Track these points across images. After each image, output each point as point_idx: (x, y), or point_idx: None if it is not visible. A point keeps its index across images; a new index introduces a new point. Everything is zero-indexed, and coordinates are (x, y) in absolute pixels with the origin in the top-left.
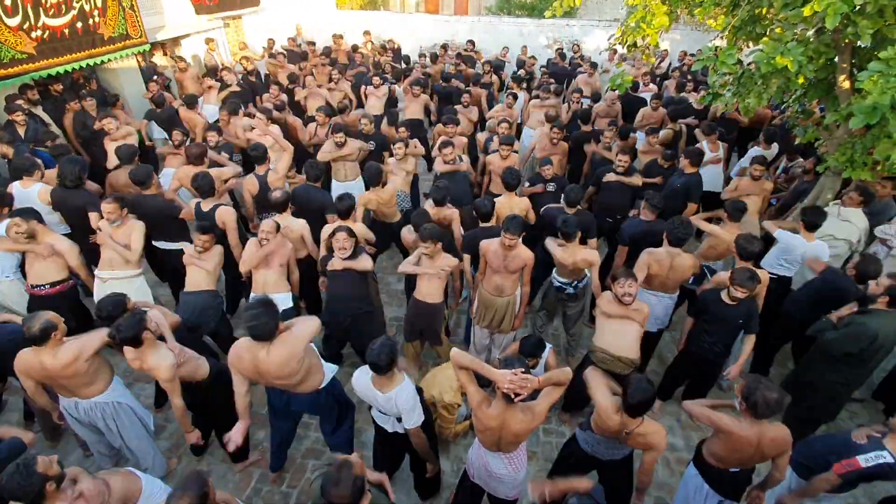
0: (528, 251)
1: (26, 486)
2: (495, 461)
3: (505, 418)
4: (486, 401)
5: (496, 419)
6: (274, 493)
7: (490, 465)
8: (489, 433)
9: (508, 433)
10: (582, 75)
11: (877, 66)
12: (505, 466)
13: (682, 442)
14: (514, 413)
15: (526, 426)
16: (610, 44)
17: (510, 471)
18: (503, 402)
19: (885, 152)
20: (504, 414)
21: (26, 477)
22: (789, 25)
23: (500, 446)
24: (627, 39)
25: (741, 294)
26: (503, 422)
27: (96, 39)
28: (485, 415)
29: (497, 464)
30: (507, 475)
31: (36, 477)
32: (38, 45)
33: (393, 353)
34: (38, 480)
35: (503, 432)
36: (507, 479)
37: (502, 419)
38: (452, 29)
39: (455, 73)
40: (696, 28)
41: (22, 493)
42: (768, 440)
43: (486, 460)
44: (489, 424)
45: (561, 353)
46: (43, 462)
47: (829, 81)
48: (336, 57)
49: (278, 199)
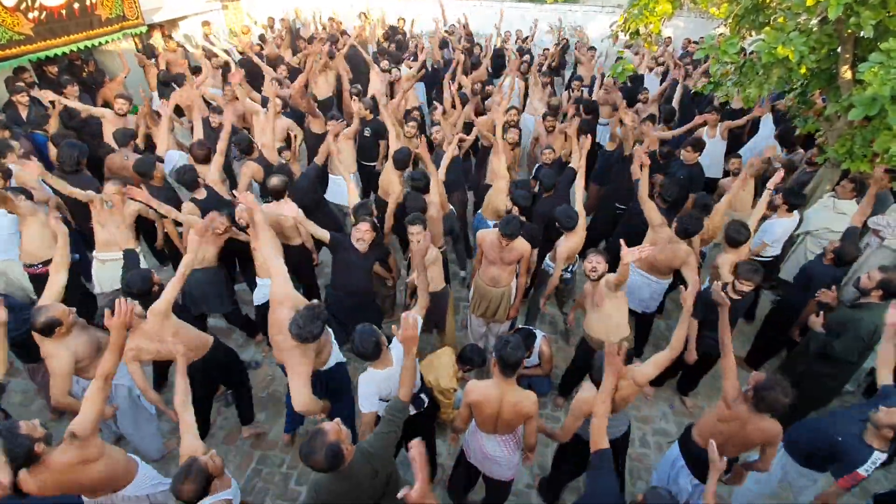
0: (525, 243)
1: (14, 448)
2: (491, 444)
3: (503, 399)
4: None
5: (495, 400)
6: (275, 473)
7: (486, 447)
8: (487, 416)
9: (505, 412)
10: (582, 62)
11: (877, 58)
12: (501, 449)
13: (675, 428)
14: (510, 391)
15: (520, 406)
16: (612, 31)
17: (506, 453)
18: (502, 381)
19: (884, 144)
20: (502, 394)
21: (12, 440)
22: (792, 15)
23: (497, 428)
24: (630, 27)
25: (747, 287)
26: (500, 402)
27: (93, 21)
28: (486, 398)
29: (493, 446)
30: (503, 457)
31: (21, 438)
32: (35, 26)
33: (375, 335)
34: (25, 441)
35: (501, 413)
36: (502, 461)
37: (500, 399)
38: (455, 13)
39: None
40: (699, 16)
41: (12, 455)
42: (758, 428)
43: (483, 443)
44: (487, 410)
45: (559, 339)
46: (26, 425)
47: (831, 72)
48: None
49: (276, 187)
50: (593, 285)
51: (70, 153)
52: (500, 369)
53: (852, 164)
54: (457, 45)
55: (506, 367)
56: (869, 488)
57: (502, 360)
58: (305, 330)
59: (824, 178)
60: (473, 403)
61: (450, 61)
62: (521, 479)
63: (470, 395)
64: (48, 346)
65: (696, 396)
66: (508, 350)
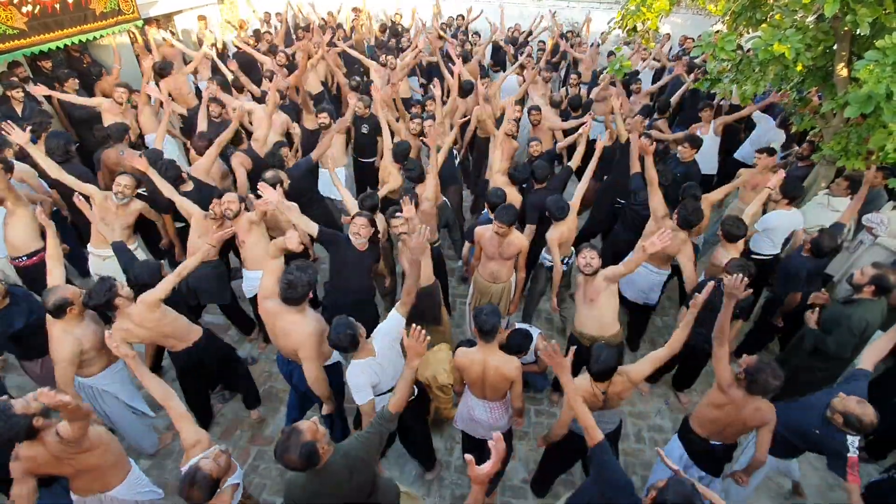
0: (522, 238)
1: (12, 428)
2: (480, 408)
3: (485, 362)
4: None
5: (479, 363)
6: (272, 469)
7: (475, 411)
8: (474, 379)
9: (489, 376)
10: (583, 55)
11: (873, 55)
12: (486, 414)
13: (671, 424)
14: (493, 356)
15: (502, 369)
16: (610, 27)
17: (489, 419)
18: (484, 347)
19: (879, 142)
20: (485, 358)
21: (6, 421)
22: (789, 12)
23: (485, 392)
24: (627, 23)
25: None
26: (484, 365)
27: (88, 15)
28: (470, 363)
29: (481, 411)
30: (485, 421)
31: (16, 418)
32: (28, 20)
33: (351, 328)
34: (21, 420)
35: (485, 376)
36: (485, 424)
37: (483, 362)
38: (453, 9)
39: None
40: (697, 12)
41: (11, 435)
42: (751, 408)
43: (472, 405)
44: (472, 373)
45: (555, 335)
46: (20, 403)
47: (827, 69)
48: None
49: (268, 180)
50: (587, 280)
51: (56, 143)
52: (480, 336)
53: (847, 161)
54: (450, 39)
55: (484, 334)
56: (861, 481)
57: (480, 328)
58: (296, 278)
59: (819, 176)
60: (460, 367)
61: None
62: (516, 474)
63: (457, 359)
64: (57, 329)
65: (692, 393)
66: (483, 317)
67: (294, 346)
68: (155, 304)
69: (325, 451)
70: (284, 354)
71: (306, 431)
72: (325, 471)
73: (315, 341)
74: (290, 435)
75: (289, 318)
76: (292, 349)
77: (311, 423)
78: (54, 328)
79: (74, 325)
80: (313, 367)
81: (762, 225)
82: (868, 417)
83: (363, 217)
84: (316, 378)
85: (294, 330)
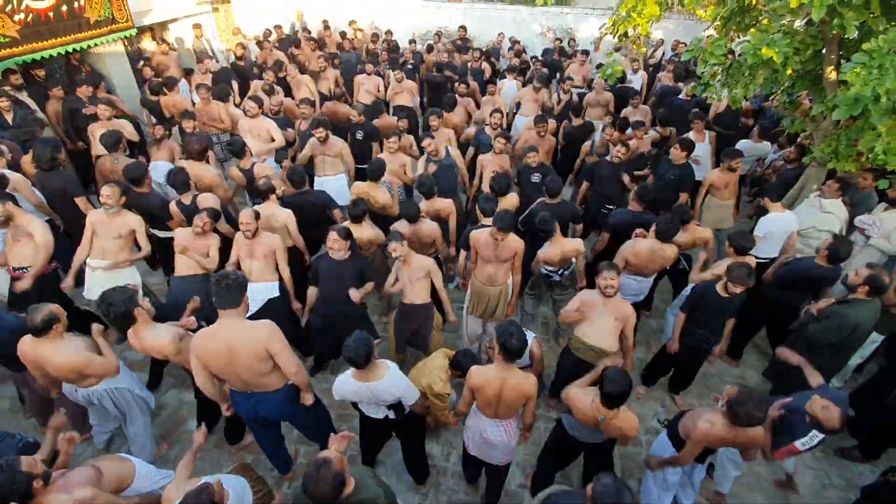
0: (518, 240)
1: (13, 485)
2: (492, 428)
3: (504, 381)
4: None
5: (496, 382)
6: (266, 477)
7: (487, 431)
8: (489, 399)
9: (507, 394)
10: (574, 63)
11: (860, 58)
12: (501, 433)
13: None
14: (512, 374)
15: (521, 387)
16: (601, 33)
17: (504, 438)
18: (503, 366)
19: (869, 143)
20: (504, 377)
21: (11, 476)
22: (777, 17)
23: (499, 411)
24: (619, 29)
25: (739, 290)
26: (502, 384)
27: (82, 23)
28: (487, 382)
29: (494, 431)
30: (501, 442)
31: (21, 475)
32: (21, 28)
33: (369, 345)
34: (23, 479)
35: (502, 395)
36: (500, 446)
37: (501, 381)
38: (446, 15)
39: (448, 61)
40: (688, 17)
41: (10, 492)
42: (744, 436)
43: (483, 427)
44: (489, 392)
45: (550, 340)
46: (27, 462)
47: (817, 73)
48: (325, 41)
49: (262, 187)
50: (604, 300)
51: (43, 150)
52: (503, 357)
53: (838, 163)
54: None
55: (508, 355)
56: (855, 481)
57: (505, 349)
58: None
59: (811, 178)
60: (475, 387)
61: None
62: (513, 479)
63: (472, 379)
64: (45, 347)
65: (688, 395)
66: (513, 341)
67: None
68: (169, 345)
69: (349, 481)
70: (247, 380)
71: (336, 462)
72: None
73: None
74: (320, 467)
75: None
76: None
77: (337, 454)
78: (42, 346)
79: (59, 341)
80: (288, 354)
81: (760, 230)
82: (830, 423)
83: (334, 231)
84: (294, 364)
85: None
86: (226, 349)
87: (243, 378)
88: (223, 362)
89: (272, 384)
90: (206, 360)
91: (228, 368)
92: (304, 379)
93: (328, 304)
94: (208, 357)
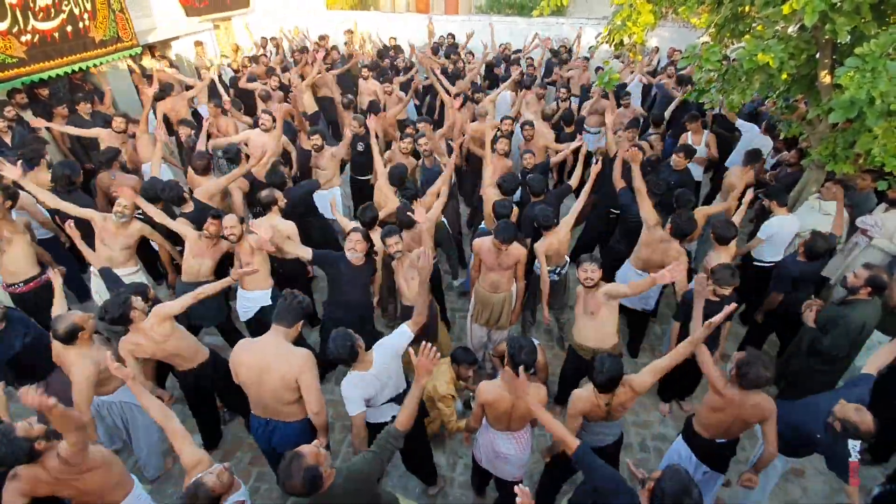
0: (520, 247)
1: (14, 451)
2: (504, 441)
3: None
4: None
5: (508, 396)
6: (273, 490)
7: (498, 445)
8: (501, 413)
9: (519, 407)
10: (574, 70)
11: (853, 62)
12: (512, 446)
13: (674, 433)
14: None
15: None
16: (597, 42)
17: (517, 451)
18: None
19: (865, 146)
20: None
21: (9, 444)
22: (770, 23)
23: (511, 424)
24: (614, 38)
25: (727, 292)
26: (514, 398)
27: (87, 43)
28: (500, 397)
29: (505, 444)
30: (514, 455)
31: (18, 441)
32: (28, 49)
33: (349, 338)
34: (22, 444)
35: (514, 408)
36: (512, 459)
37: (513, 396)
38: (443, 28)
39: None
40: (683, 25)
41: (13, 458)
42: (749, 405)
43: (495, 440)
44: (501, 407)
45: (555, 346)
46: (21, 427)
47: (812, 77)
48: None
49: (263, 199)
50: (588, 292)
51: (62, 172)
52: (515, 371)
53: (836, 165)
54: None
55: (523, 369)
56: (865, 485)
57: (520, 364)
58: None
59: (810, 181)
60: (487, 403)
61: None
62: (527, 479)
63: (483, 395)
64: (72, 354)
65: (693, 401)
66: (524, 356)
67: (290, 376)
68: (166, 317)
69: (328, 475)
70: (268, 404)
71: (308, 456)
72: (328, 495)
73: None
74: (291, 460)
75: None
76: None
77: (312, 448)
78: (69, 354)
79: (87, 349)
80: (316, 392)
81: (765, 233)
82: (865, 425)
83: (357, 233)
84: (319, 403)
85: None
86: (260, 364)
87: (265, 401)
88: (253, 375)
89: (291, 415)
90: (237, 369)
91: (255, 384)
92: (323, 421)
93: (340, 307)
94: (241, 366)
